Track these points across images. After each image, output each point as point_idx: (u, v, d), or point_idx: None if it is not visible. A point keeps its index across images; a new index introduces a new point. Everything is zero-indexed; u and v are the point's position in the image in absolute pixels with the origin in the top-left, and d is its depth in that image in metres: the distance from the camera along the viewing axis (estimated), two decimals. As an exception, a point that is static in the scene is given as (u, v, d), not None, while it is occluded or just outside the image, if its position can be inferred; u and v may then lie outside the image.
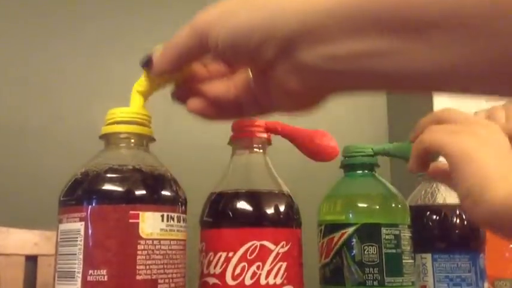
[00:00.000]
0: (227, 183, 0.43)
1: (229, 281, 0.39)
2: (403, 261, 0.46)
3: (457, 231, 0.52)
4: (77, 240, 0.33)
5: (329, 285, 0.47)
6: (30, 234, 1.32)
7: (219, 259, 0.40)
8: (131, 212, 0.33)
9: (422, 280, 0.52)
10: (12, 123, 1.39)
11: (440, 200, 0.54)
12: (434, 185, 0.55)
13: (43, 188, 1.39)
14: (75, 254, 0.33)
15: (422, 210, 0.54)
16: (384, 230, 0.46)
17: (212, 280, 0.40)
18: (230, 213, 0.41)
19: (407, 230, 0.48)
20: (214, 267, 0.40)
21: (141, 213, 0.33)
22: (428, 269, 0.52)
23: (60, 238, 0.34)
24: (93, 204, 0.33)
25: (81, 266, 0.32)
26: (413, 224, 0.51)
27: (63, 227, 0.34)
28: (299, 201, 0.44)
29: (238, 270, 0.39)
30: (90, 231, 0.33)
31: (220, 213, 0.41)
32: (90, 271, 0.32)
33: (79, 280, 0.32)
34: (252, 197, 0.41)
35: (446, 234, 0.52)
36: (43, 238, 1.34)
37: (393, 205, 0.48)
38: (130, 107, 0.37)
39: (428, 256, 0.52)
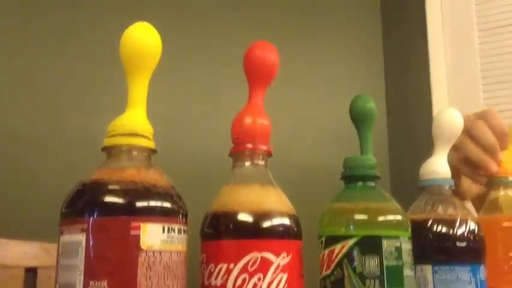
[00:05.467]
0: (228, 195, 0.43)
1: (230, 292, 0.39)
2: (404, 273, 0.46)
3: (457, 243, 0.52)
4: (78, 252, 0.33)
5: (330, 297, 0.47)
6: (30, 247, 1.32)
7: (219, 271, 0.40)
8: (132, 223, 0.33)
9: (424, 291, 0.51)
10: (11, 134, 1.39)
11: (441, 211, 0.54)
12: (435, 197, 0.55)
13: (43, 201, 1.39)
14: (76, 266, 0.33)
15: (422, 221, 0.54)
16: (384, 242, 0.46)
17: (212, 291, 0.40)
18: (231, 224, 0.41)
19: (408, 242, 0.48)
20: (215, 279, 0.40)
21: (142, 224, 0.34)
22: (428, 281, 0.52)
23: (61, 250, 0.34)
24: (95, 216, 0.33)
25: (82, 277, 0.32)
26: (413, 235, 0.51)
27: (65, 238, 0.34)
28: (299, 213, 0.44)
29: (239, 282, 0.39)
30: (91, 243, 0.33)
31: (221, 225, 0.41)
32: (91, 282, 0.32)
33: (80, 291, 0.32)
34: (253, 209, 0.41)
35: (446, 246, 0.52)
36: (43, 250, 1.33)
37: (394, 217, 0.48)
38: (132, 119, 0.37)
39: (429, 267, 0.52)
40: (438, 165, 0.56)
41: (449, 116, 0.57)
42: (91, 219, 0.33)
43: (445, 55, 1.84)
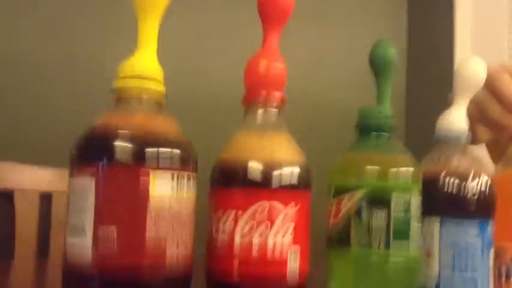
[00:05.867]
0: (239, 142, 0.43)
1: (237, 238, 0.40)
2: (411, 226, 0.46)
3: (467, 197, 0.52)
4: (87, 196, 0.33)
5: (335, 246, 0.48)
6: (45, 172, 1.35)
7: (228, 217, 0.40)
8: (142, 170, 0.33)
9: (429, 245, 0.52)
10: (24, 63, 1.39)
11: (454, 165, 0.53)
12: (451, 150, 0.54)
13: (57, 126, 1.41)
14: (86, 209, 0.33)
15: (434, 174, 0.53)
16: (394, 194, 0.46)
17: (220, 236, 0.40)
18: (240, 173, 0.41)
19: (418, 196, 0.48)
20: (224, 224, 0.40)
21: (151, 171, 0.33)
22: (435, 233, 0.52)
23: (72, 191, 0.34)
24: (104, 162, 0.33)
25: (92, 221, 0.33)
26: (424, 188, 0.51)
27: (75, 181, 0.34)
28: (311, 156, 0.44)
29: (246, 229, 0.40)
30: (101, 188, 0.33)
31: (230, 173, 0.41)
32: (101, 227, 0.32)
33: (89, 235, 0.33)
34: (263, 158, 0.41)
35: (457, 199, 0.52)
36: (57, 176, 1.37)
37: (406, 170, 0.47)
38: (142, 61, 0.36)
39: (437, 219, 0.52)
40: (456, 118, 0.54)
41: (472, 66, 0.55)
42: (100, 164, 0.33)
43: (472, 2, 1.77)
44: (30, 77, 1.37)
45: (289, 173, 0.41)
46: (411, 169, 0.48)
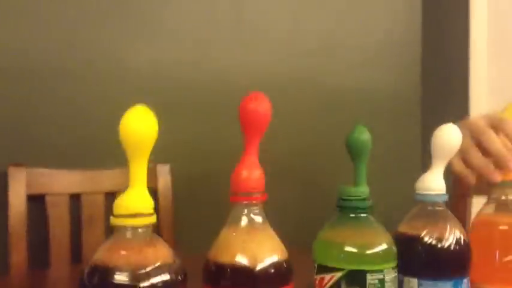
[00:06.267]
0: (225, 243, 0.48)
1: (227, 334, 0.46)
2: (385, 301, 0.52)
3: (442, 260, 0.57)
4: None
5: (321, 316, 0.54)
6: (73, 174, 1.44)
7: (218, 314, 0.47)
8: (136, 306, 0.39)
9: (409, 301, 0.57)
10: (46, 66, 1.45)
11: (430, 228, 0.58)
12: (428, 212, 0.59)
13: (80, 130, 1.49)
14: None
15: (411, 236, 0.58)
16: (369, 276, 0.51)
17: (212, 331, 0.47)
18: (225, 276, 0.47)
19: (393, 271, 0.53)
20: (214, 320, 0.47)
21: (144, 306, 0.40)
22: (414, 292, 0.57)
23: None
24: (104, 300, 0.40)
25: None
26: (403, 248, 0.56)
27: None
28: (328, 134, 0.49)
29: (234, 325, 0.46)
30: (103, 323, 0.40)
31: (217, 274, 0.47)
32: None
33: None
34: (246, 261, 0.47)
35: (431, 262, 0.57)
36: (85, 177, 1.46)
37: (380, 252, 0.52)
38: (134, 199, 0.42)
39: (415, 280, 0.57)
40: (434, 181, 0.59)
41: (447, 133, 0.59)
42: (101, 303, 0.40)
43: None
44: (53, 83, 1.44)
45: (271, 273, 0.47)
46: (385, 249, 0.53)
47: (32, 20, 1.42)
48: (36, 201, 1.37)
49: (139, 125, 0.42)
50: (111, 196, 1.41)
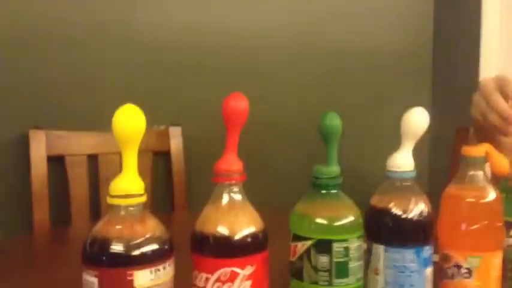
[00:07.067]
0: (208, 216, 0.56)
1: (208, 293, 0.55)
2: (350, 266, 0.60)
3: (404, 229, 0.64)
4: (94, 288, 0.49)
5: (294, 278, 0.62)
6: (90, 136, 1.54)
7: (201, 278, 0.55)
8: (128, 272, 0.48)
9: (376, 265, 0.65)
10: (61, 33, 1.51)
11: (396, 201, 0.65)
12: (396, 187, 0.65)
13: (97, 93, 1.57)
14: (94, 299, 0.49)
15: (379, 209, 0.65)
16: (335, 244, 0.59)
17: (198, 290, 0.56)
18: (208, 245, 0.55)
19: (357, 240, 0.60)
20: (199, 282, 0.55)
21: (134, 272, 0.48)
22: (380, 257, 0.65)
23: (84, 285, 0.50)
24: (102, 266, 0.48)
25: (97, 306, 0.48)
26: (373, 218, 0.63)
27: (86, 276, 0.49)
28: (340, 95, 0.56)
29: (215, 287, 0.54)
30: (101, 284, 0.48)
31: (201, 243, 0.55)
32: (103, 310, 0.48)
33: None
34: (226, 233, 0.55)
35: (395, 232, 0.64)
36: (101, 139, 1.55)
37: (345, 223, 0.60)
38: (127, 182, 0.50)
39: (381, 247, 0.65)
40: (402, 160, 0.65)
41: (415, 117, 0.65)
42: (100, 268, 0.48)
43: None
44: (68, 49, 1.52)
45: (246, 243, 0.55)
46: (350, 221, 0.60)
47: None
48: (56, 162, 1.47)
49: (129, 122, 0.49)
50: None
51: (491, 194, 0.67)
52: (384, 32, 1.96)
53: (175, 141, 1.65)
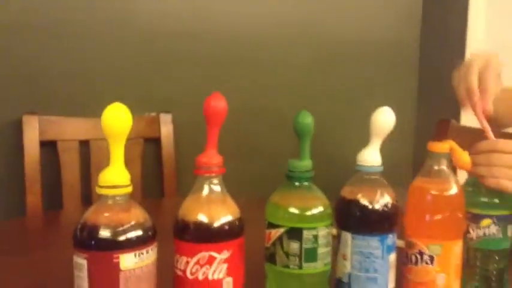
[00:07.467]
0: (190, 205, 0.62)
1: (188, 275, 0.60)
2: (318, 252, 0.66)
3: (369, 219, 0.69)
4: (84, 270, 0.54)
5: (268, 262, 0.68)
6: (82, 122, 1.58)
7: (182, 260, 0.61)
8: (114, 255, 0.54)
9: (344, 251, 0.71)
10: (55, 21, 1.54)
11: (363, 193, 0.70)
12: (363, 180, 0.71)
13: (90, 80, 1.60)
14: (83, 278, 0.54)
15: (348, 200, 0.71)
16: (305, 232, 0.65)
17: (178, 272, 0.61)
18: (188, 231, 0.60)
19: (326, 228, 0.66)
20: (180, 265, 0.61)
21: (120, 255, 0.54)
22: (348, 244, 0.70)
23: (75, 265, 0.55)
24: (91, 249, 0.54)
25: (88, 285, 0.54)
26: (343, 208, 0.69)
27: (76, 259, 0.55)
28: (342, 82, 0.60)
29: (194, 270, 0.60)
30: (90, 266, 0.54)
31: (182, 230, 0.61)
32: (92, 289, 0.54)
33: (86, 294, 0.54)
34: (204, 221, 0.60)
35: (361, 221, 0.70)
36: (93, 125, 1.59)
37: (315, 213, 0.65)
38: (114, 174, 0.55)
39: (349, 234, 0.70)
40: (370, 155, 0.71)
41: (383, 116, 0.70)
42: (89, 252, 0.54)
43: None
44: (62, 36, 1.54)
45: (223, 230, 0.61)
46: (319, 211, 0.66)
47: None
48: (49, 147, 1.52)
49: (116, 121, 0.54)
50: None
51: (454, 188, 0.73)
52: (372, 23, 2.00)
53: (166, 128, 1.69)
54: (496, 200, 0.77)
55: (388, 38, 2.02)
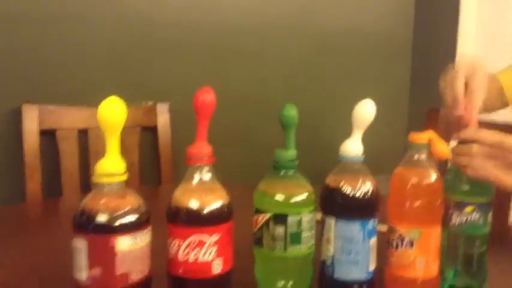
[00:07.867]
0: (181, 192, 0.66)
1: (180, 257, 0.65)
2: (302, 235, 0.70)
3: (351, 206, 0.74)
4: (83, 251, 0.58)
5: (256, 246, 0.73)
6: (81, 111, 1.61)
7: (174, 243, 0.65)
8: (111, 238, 0.58)
9: (328, 235, 0.75)
10: (54, 11, 1.56)
11: (345, 181, 0.74)
12: (346, 169, 0.75)
13: (88, 69, 1.63)
14: (82, 260, 0.58)
15: (332, 187, 0.75)
16: (289, 217, 0.69)
17: (171, 255, 0.66)
18: (179, 216, 0.65)
19: (310, 214, 0.71)
20: (172, 247, 0.65)
21: (116, 238, 0.58)
22: (332, 228, 0.75)
23: (74, 246, 0.60)
24: (89, 233, 0.58)
25: (87, 266, 0.58)
26: (327, 195, 0.73)
27: (75, 242, 0.59)
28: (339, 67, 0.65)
29: (185, 252, 0.65)
30: (89, 248, 0.58)
31: (174, 215, 0.65)
32: (91, 269, 0.58)
33: (85, 273, 0.58)
34: (195, 207, 0.64)
35: (343, 207, 0.74)
36: (92, 114, 1.63)
37: (299, 200, 0.70)
38: (110, 163, 0.59)
39: (333, 219, 0.74)
40: (352, 146, 0.75)
41: (364, 108, 0.74)
42: (87, 235, 0.58)
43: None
44: (61, 26, 1.57)
45: (213, 215, 0.65)
46: (303, 198, 0.70)
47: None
48: (48, 136, 1.55)
49: (111, 114, 0.58)
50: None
51: (433, 176, 0.77)
52: (365, 14, 2.02)
53: (163, 117, 1.73)
54: (477, 189, 0.81)
55: (381, 29, 2.04)
